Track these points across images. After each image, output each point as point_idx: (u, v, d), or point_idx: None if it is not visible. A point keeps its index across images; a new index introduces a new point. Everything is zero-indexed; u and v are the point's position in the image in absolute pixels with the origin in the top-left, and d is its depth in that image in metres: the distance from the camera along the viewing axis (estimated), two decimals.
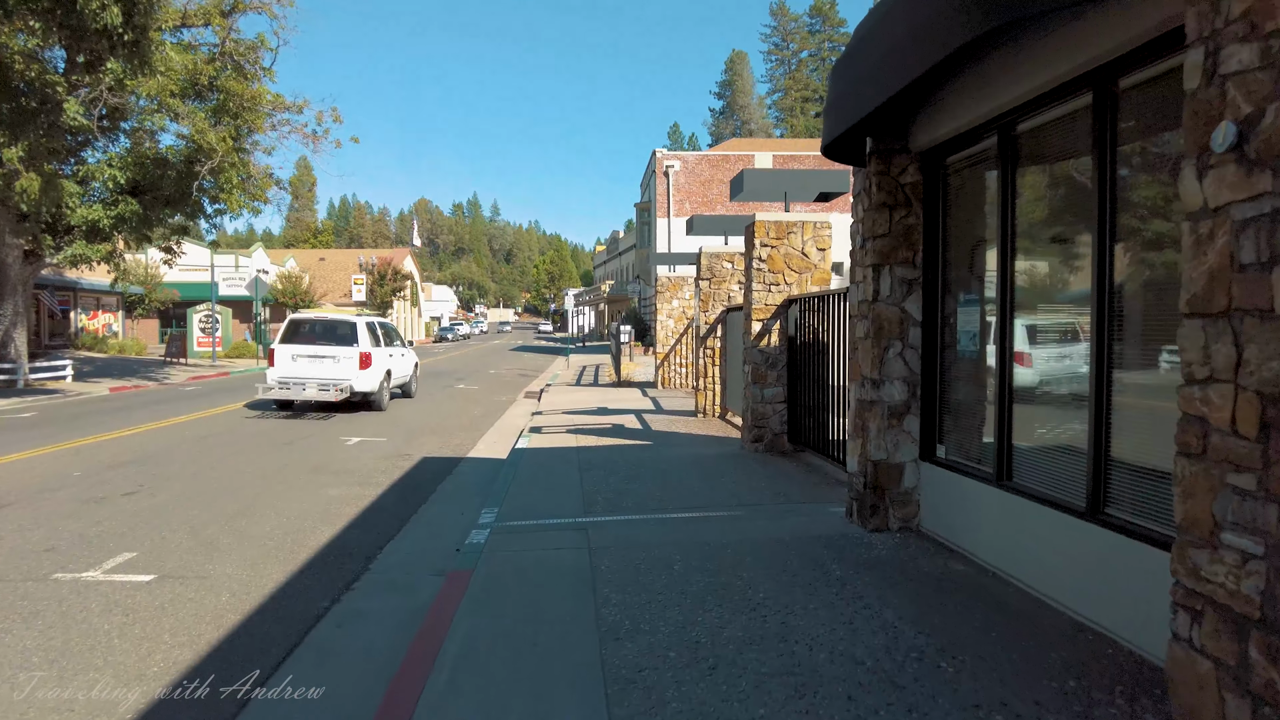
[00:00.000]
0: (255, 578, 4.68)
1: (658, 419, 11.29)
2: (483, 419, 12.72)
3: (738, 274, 11.34)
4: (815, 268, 8.20)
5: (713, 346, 11.38)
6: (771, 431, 8.20)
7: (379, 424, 11.71)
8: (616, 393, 15.99)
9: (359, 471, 8.02)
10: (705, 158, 34.08)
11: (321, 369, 13.10)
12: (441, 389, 18.19)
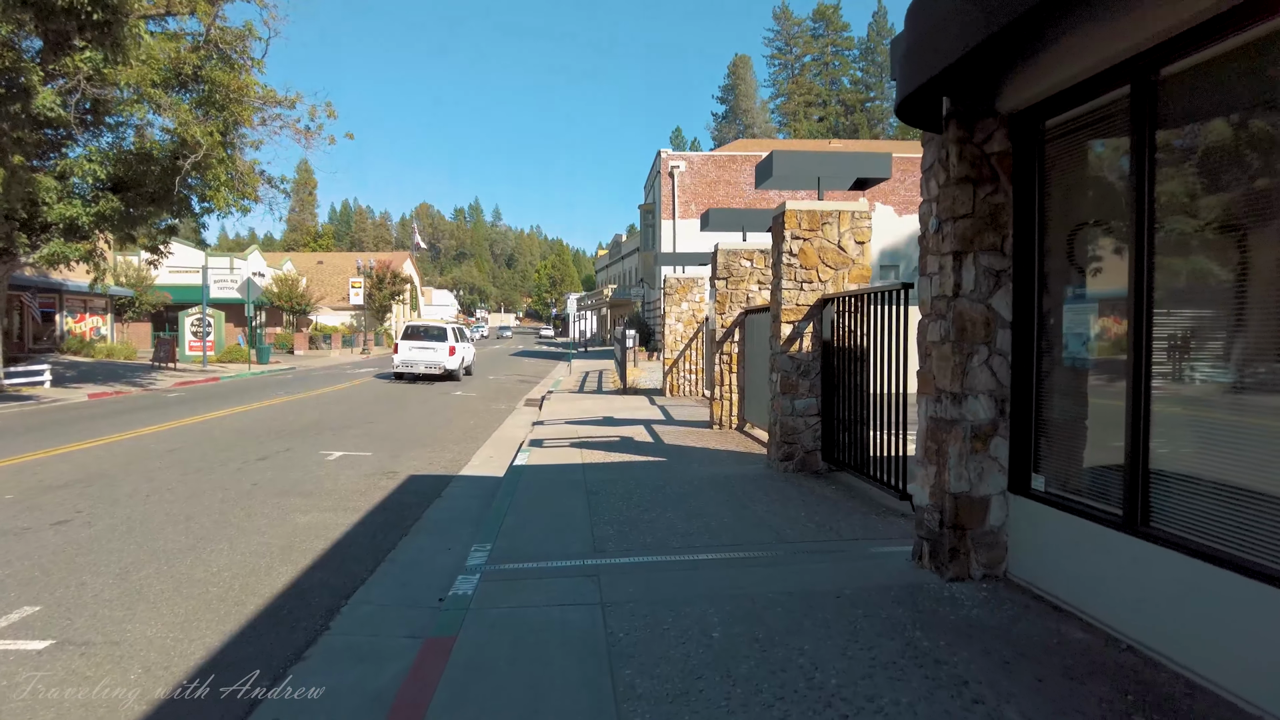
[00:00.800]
0: (181, 643, 3.71)
1: (669, 431, 10.33)
2: (479, 429, 11.76)
3: (757, 273, 10.39)
4: (853, 263, 7.25)
5: (730, 352, 10.43)
6: (803, 449, 7.24)
7: (365, 437, 10.75)
8: (622, 401, 15.03)
9: (335, 493, 7.06)
10: (711, 158, 33.18)
11: (427, 355, 21.25)
12: (438, 396, 17.24)
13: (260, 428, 11.43)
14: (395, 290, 51.02)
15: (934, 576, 4.22)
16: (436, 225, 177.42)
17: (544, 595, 4.01)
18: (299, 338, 39.51)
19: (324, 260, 57.52)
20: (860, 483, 6.61)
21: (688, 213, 32.25)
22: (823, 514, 5.67)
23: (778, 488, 6.57)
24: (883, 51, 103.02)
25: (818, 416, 7.24)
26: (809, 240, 7.20)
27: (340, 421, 12.28)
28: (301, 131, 20.44)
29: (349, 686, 3.24)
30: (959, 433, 4.13)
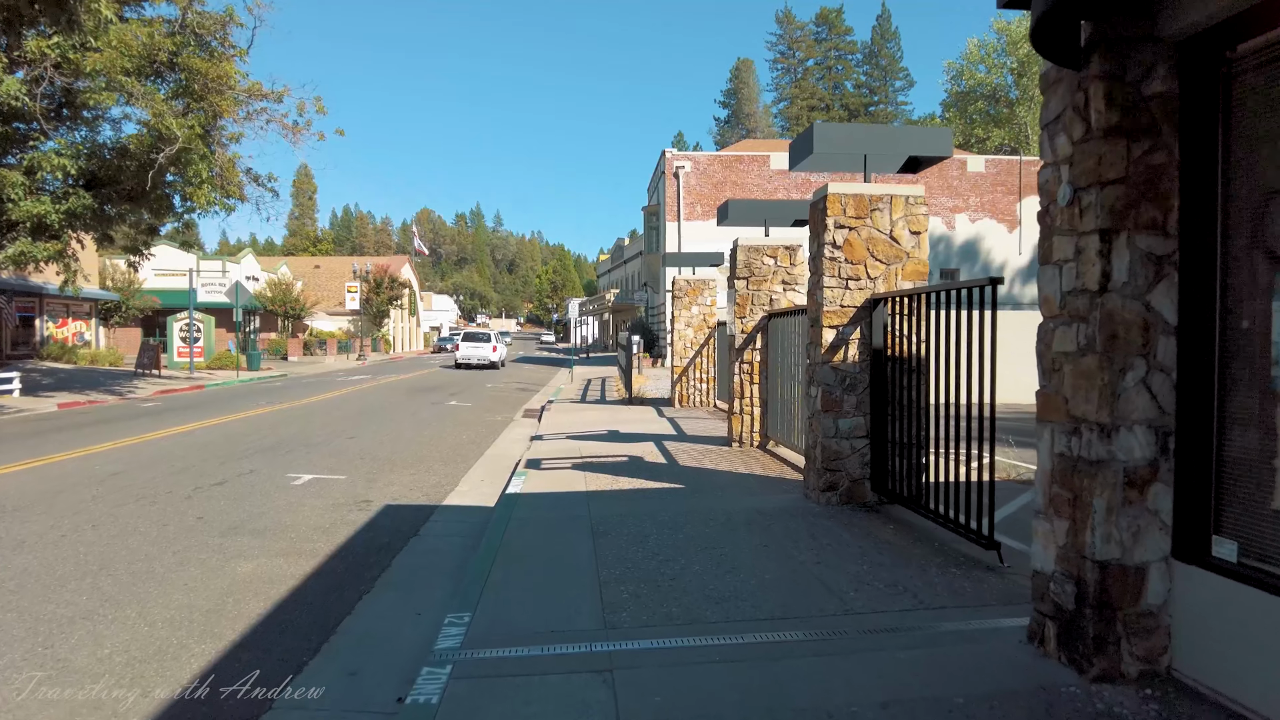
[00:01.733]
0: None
1: (683, 449, 9.20)
2: (471, 446, 10.63)
3: (782, 272, 9.28)
4: (907, 256, 6.14)
5: (751, 360, 9.31)
6: (849, 477, 6.11)
7: (342, 456, 9.63)
8: (628, 412, 13.90)
9: (293, 531, 5.94)
10: (717, 158, 32.13)
11: (478, 351, 31.23)
12: (429, 406, 16.11)
13: (228, 444, 10.32)
14: (393, 295, 50.00)
15: (1069, 673, 3.09)
16: (438, 230, 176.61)
17: (536, 707, 2.88)
18: (293, 343, 38.44)
19: (321, 264, 56.49)
20: (922, 521, 5.48)
21: (693, 214, 31.19)
22: (889, 566, 4.54)
23: (824, 527, 5.43)
24: (886, 55, 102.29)
25: (865, 439, 6.12)
26: (856, 230, 6.09)
27: (320, 436, 11.16)
28: (289, 127, 19.41)
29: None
30: (1108, 477, 3.00)
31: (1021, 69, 44.79)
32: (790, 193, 31.79)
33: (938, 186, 32.98)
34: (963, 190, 33.21)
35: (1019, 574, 4.35)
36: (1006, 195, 33.41)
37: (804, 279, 9.42)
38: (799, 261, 9.36)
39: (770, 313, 9.15)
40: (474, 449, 10.35)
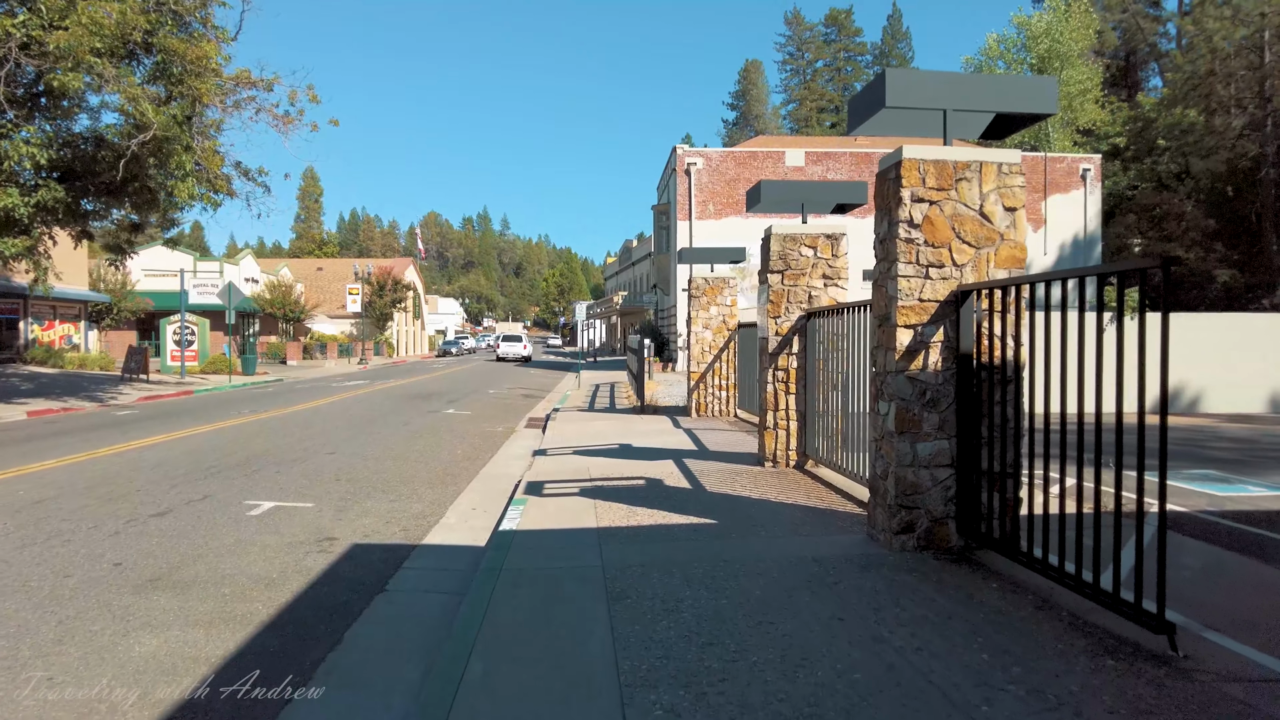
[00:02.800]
0: None
1: (708, 470, 7.95)
2: (465, 463, 9.40)
3: (823, 265, 8.02)
4: (1001, 238, 4.87)
5: (786, 367, 8.04)
6: (929, 515, 4.84)
7: (316, 476, 8.41)
8: (640, 422, 12.65)
9: (230, 582, 4.71)
10: (730, 154, 30.89)
11: (514, 349, 43.44)
12: (424, 415, 14.90)
13: (190, 461, 9.11)
14: (396, 298, 48.93)
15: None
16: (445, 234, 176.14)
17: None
18: (292, 347, 37.36)
19: (324, 267, 55.50)
20: (1031, 576, 4.22)
21: (705, 213, 29.96)
22: (1018, 656, 3.27)
23: (908, 587, 4.16)
24: (897, 55, 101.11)
25: (950, 468, 4.85)
26: (938, 205, 4.83)
27: (296, 450, 9.95)
28: (280, 117, 18.26)
29: None
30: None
31: (1041, 65, 43.41)
32: None
33: None
34: None
35: (1206, 670, 3.09)
36: (1031, 193, 32.06)
37: (847, 273, 8.15)
38: (841, 253, 8.10)
39: (809, 311, 7.89)
40: (468, 467, 9.11)
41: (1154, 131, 38.21)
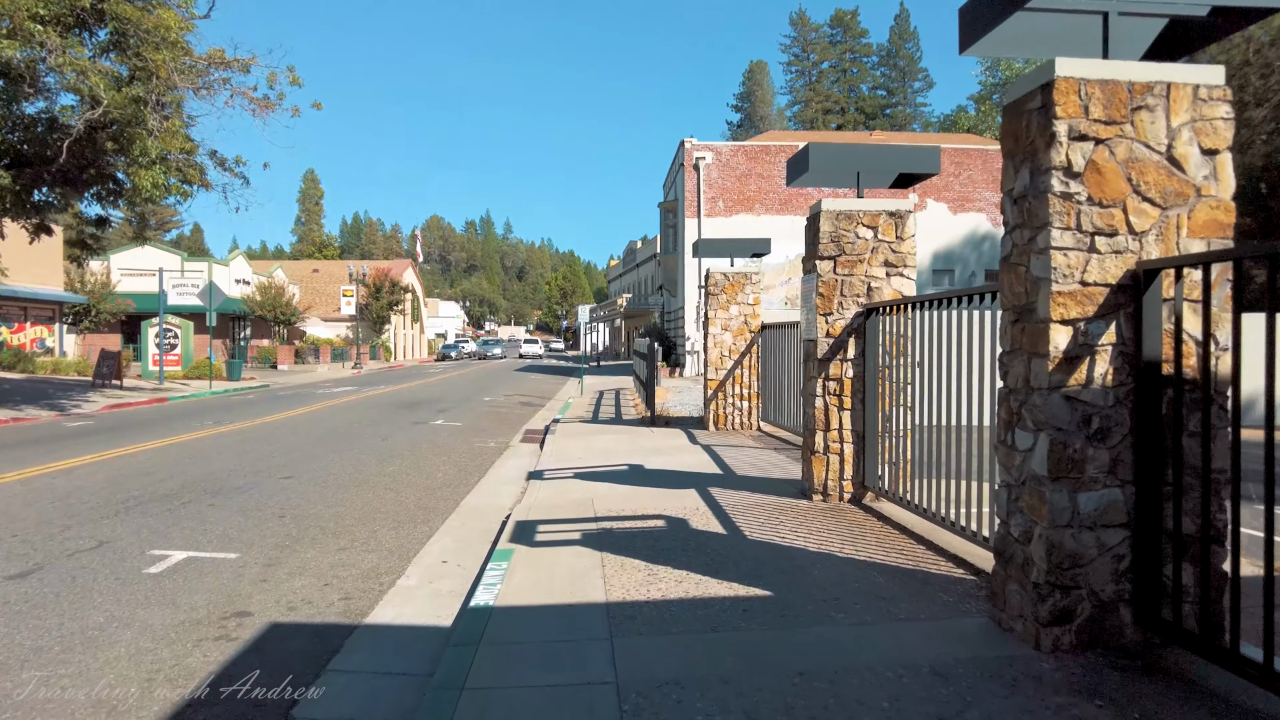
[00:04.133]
0: None
1: (741, 503, 6.40)
2: (445, 491, 7.86)
3: (884, 249, 6.47)
4: (1198, 194, 3.33)
5: (840, 376, 6.48)
6: (1093, 598, 3.30)
7: (255, 512, 6.87)
8: (651, 437, 11.10)
9: (48, 712, 3.17)
10: (742, 148, 29.37)
11: (532, 349, 65.76)
12: (409, 427, 13.36)
13: (107, 489, 7.57)
14: (394, 300, 47.45)
15: None
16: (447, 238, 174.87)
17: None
18: (283, 351, 35.89)
19: (320, 268, 54.05)
20: (1268, 700, 2.67)
21: (715, 210, 28.43)
22: None
23: None
24: (904, 55, 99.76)
25: (1124, 528, 3.30)
26: (1108, 145, 3.28)
27: (246, 474, 8.42)
28: (258, 101, 16.82)
29: None
30: None
31: None
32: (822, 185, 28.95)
33: (981, 180, 30.14)
34: None
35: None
36: None
37: (914, 260, 6.60)
38: (907, 234, 6.54)
39: (869, 307, 6.34)
40: (448, 495, 7.57)
41: None
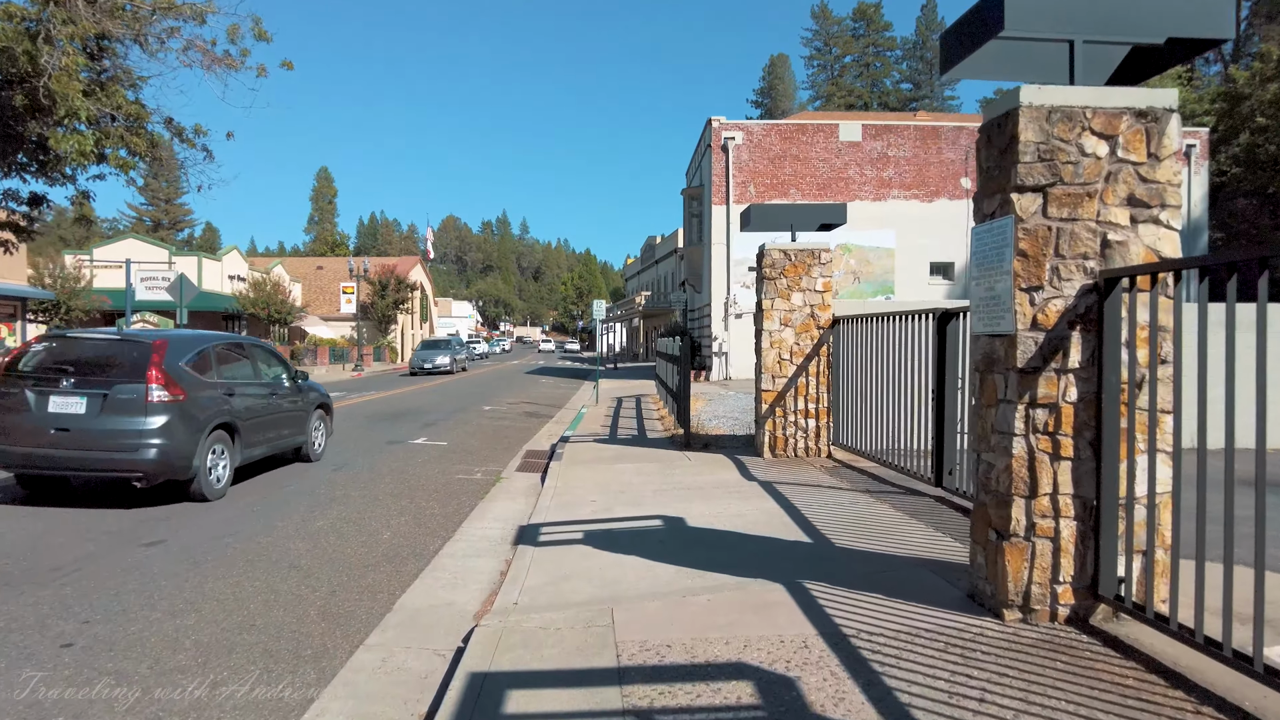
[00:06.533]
0: None
1: (877, 625, 3.64)
2: (377, 577, 5.09)
3: (1128, 176, 3.61)
4: None
5: (1055, 399, 3.62)
6: None
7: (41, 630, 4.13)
8: (689, 468, 8.30)
9: None
10: (775, 128, 26.48)
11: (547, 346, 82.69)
12: (378, 450, 10.63)
13: None
14: (400, 298, 44.91)
15: None
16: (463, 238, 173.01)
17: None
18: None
19: (324, 265, 51.68)
20: None
21: (744, 195, 25.53)
22: None
23: None
24: (932, 47, 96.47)
25: None
26: None
27: (76, 547, 5.72)
28: (217, 58, 14.14)
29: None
30: None
31: None
32: (864, 168, 26.05)
33: None
34: None
35: None
36: None
37: (1177, 194, 3.72)
38: (1166, 149, 3.66)
39: (1108, 276, 3.50)
40: (381, 587, 4.79)
41: (1247, 108, 33.46)
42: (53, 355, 7.14)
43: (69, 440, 6.62)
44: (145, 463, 6.59)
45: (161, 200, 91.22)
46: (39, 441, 6.64)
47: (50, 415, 6.67)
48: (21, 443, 6.69)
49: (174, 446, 6.71)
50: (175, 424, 6.76)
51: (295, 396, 9.12)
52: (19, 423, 6.73)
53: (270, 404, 8.49)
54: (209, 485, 7.01)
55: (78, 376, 6.82)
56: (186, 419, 6.88)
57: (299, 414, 9.13)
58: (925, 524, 5.64)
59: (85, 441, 6.61)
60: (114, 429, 6.61)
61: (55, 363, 7.02)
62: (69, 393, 6.73)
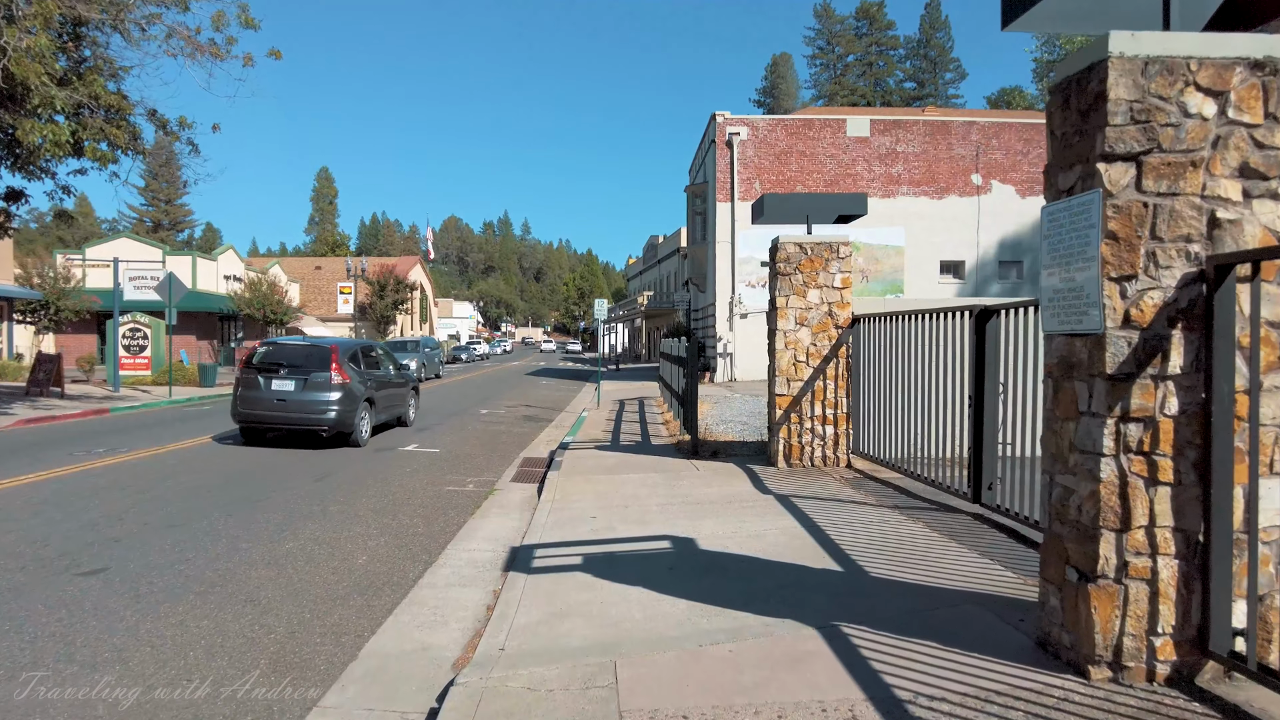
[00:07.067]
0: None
1: (935, 682, 3.02)
2: (345, 612, 4.46)
3: (1240, 140, 2.99)
4: None
5: (1151, 411, 3.00)
6: None
7: None
8: (698, 479, 7.68)
9: None
10: (781, 123, 25.83)
11: (547, 348, 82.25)
12: (365, 457, 10.01)
13: None
14: (399, 299, 44.32)
15: None
16: (465, 239, 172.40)
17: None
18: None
19: (322, 265, 51.09)
20: None
21: (750, 192, 24.91)
22: None
23: None
24: (936, 45, 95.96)
25: None
26: None
27: (27, 561, 5.11)
28: (200, 46, 13.57)
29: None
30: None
31: None
32: (872, 164, 25.40)
33: None
34: None
35: None
36: None
37: None
38: None
39: (1219, 262, 2.86)
40: (350, 623, 4.16)
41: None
42: (272, 354, 11.23)
43: (284, 407, 10.58)
44: (329, 421, 10.49)
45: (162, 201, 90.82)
46: (267, 408, 10.61)
47: (273, 391, 10.64)
48: (257, 408, 10.67)
49: (345, 412, 10.61)
50: (345, 398, 10.65)
51: (400, 381, 13.13)
52: (255, 396, 10.67)
53: (388, 386, 12.39)
54: (361, 437, 10.94)
55: (288, 367, 10.74)
56: (351, 395, 10.78)
57: (403, 393, 13.17)
58: (968, 548, 5.01)
59: (294, 408, 10.55)
60: (312, 400, 10.51)
61: (274, 359, 11.02)
62: (284, 377, 10.70)
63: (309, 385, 10.55)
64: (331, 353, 10.93)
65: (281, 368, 10.75)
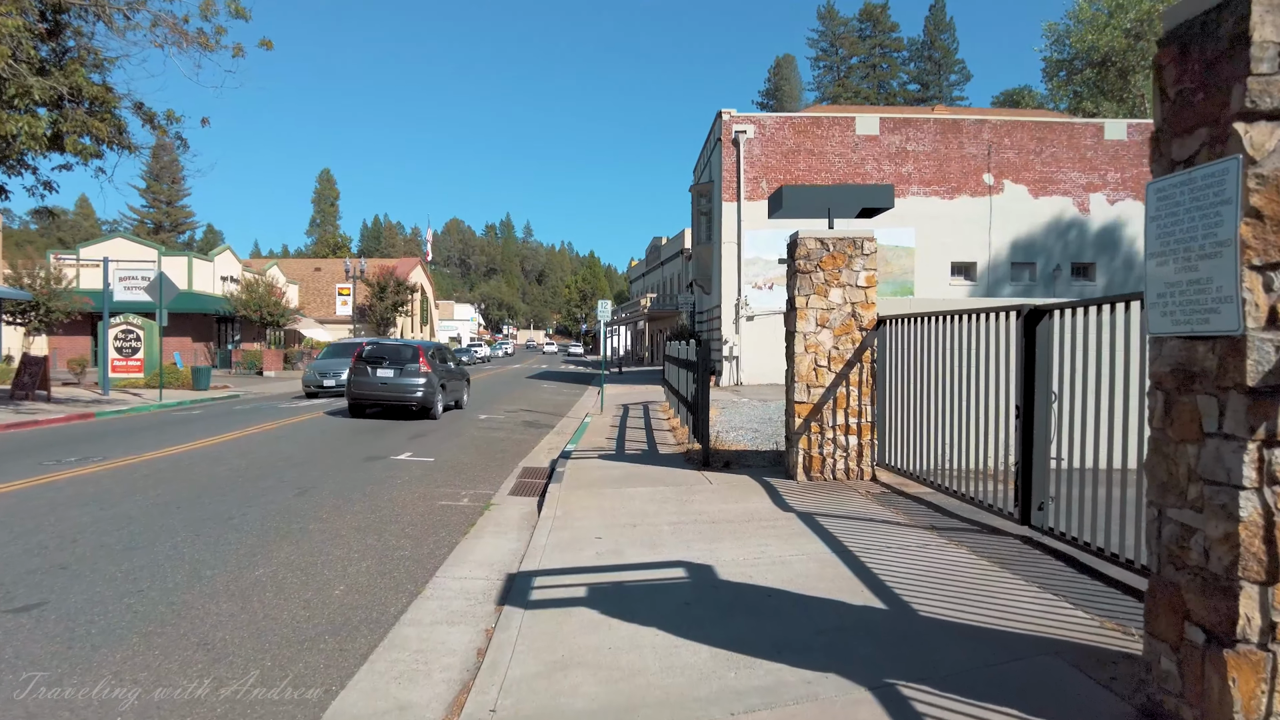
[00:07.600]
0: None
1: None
2: (312, 658, 3.85)
3: None
4: None
5: None
6: None
7: None
8: (711, 494, 7.08)
9: None
10: (789, 120, 25.25)
11: (548, 350, 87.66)
12: (354, 466, 9.42)
13: None
14: (398, 300, 43.77)
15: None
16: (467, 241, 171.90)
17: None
18: (271, 356, 32.25)
19: (322, 267, 50.56)
20: None
21: (757, 192, 24.32)
22: None
23: None
24: (940, 46, 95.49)
25: None
26: None
27: None
28: (188, 36, 13.03)
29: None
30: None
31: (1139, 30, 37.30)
32: (881, 164, 24.83)
33: (1067, 159, 25.74)
34: (1099, 163, 25.89)
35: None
36: None
37: None
38: None
39: None
40: (318, 671, 3.57)
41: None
42: (375, 350, 15.19)
43: (385, 389, 14.57)
44: (418, 400, 14.55)
45: (163, 203, 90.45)
46: (373, 389, 14.62)
47: (378, 377, 14.63)
48: (366, 390, 14.69)
49: (429, 394, 14.66)
50: (428, 383, 14.67)
51: (460, 374, 17.32)
52: (364, 380, 14.68)
53: (453, 377, 16.50)
54: (437, 412, 15.04)
55: (389, 359, 14.83)
56: (431, 381, 14.77)
57: (461, 384, 17.38)
58: (1024, 579, 4.41)
59: (393, 389, 14.55)
60: (406, 384, 14.56)
61: (377, 354, 15.02)
62: (386, 367, 14.71)
63: (404, 373, 14.56)
64: (419, 350, 15.17)
65: (384, 360, 14.73)
